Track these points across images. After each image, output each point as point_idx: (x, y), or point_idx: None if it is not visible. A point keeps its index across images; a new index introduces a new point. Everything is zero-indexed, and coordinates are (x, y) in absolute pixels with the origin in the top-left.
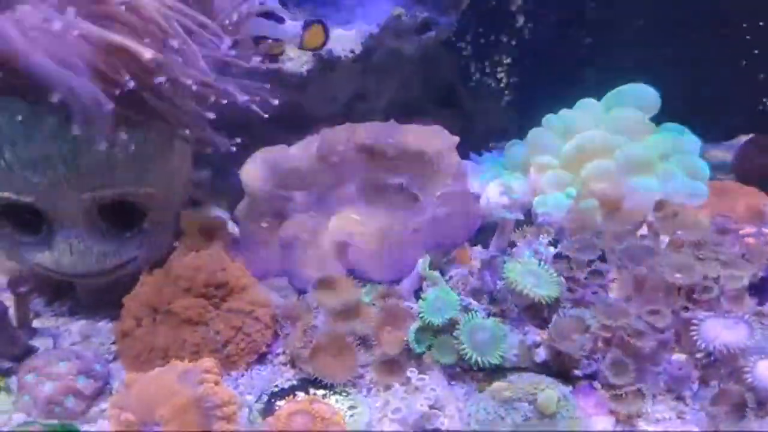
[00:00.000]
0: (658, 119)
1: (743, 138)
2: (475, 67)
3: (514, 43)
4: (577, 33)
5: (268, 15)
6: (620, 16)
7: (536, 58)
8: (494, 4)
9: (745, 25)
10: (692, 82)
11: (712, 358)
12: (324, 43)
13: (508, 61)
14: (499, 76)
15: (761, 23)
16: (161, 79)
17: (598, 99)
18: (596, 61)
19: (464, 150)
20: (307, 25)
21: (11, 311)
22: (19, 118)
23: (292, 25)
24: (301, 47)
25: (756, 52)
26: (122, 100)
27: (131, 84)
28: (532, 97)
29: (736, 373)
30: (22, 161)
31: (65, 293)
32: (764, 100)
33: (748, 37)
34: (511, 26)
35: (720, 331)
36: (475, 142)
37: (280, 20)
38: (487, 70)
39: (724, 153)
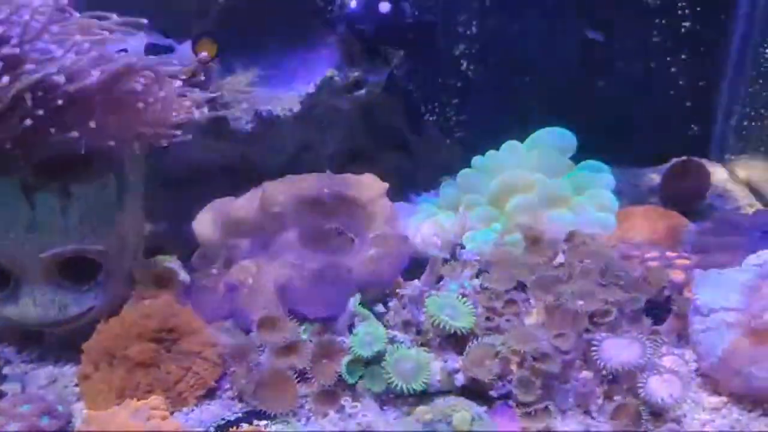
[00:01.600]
0: (593, 147)
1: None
2: (422, 109)
3: (458, 85)
4: (515, 75)
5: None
6: (552, 58)
7: (479, 99)
8: (439, 48)
9: (669, 59)
10: (628, 111)
11: (612, 375)
12: (216, 54)
13: (454, 101)
14: (444, 117)
15: (684, 57)
16: None
17: (529, 133)
18: (532, 101)
19: (414, 189)
20: (196, 39)
21: None
22: None
23: (184, 47)
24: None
25: (681, 83)
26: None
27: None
28: (476, 135)
29: (633, 388)
30: None
31: (35, 341)
32: (692, 126)
33: (673, 69)
34: (455, 70)
35: (617, 351)
36: (424, 179)
37: (170, 50)
38: (433, 112)
39: (657, 176)
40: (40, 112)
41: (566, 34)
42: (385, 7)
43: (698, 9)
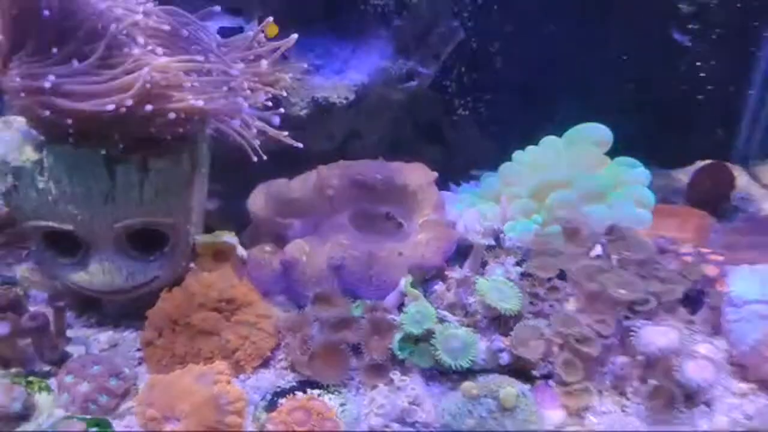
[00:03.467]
0: (623, 149)
1: (700, 164)
2: (457, 104)
3: (493, 82)
4: (548, 73)
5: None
6: (582, 60)
7: (511, 96)
8: (475, 47)
9: (698, 64)
10: (657, 115)
11: (650, 359)
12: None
13: (488, 98)
14: (478, 112)
15: (713, 63)
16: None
17: (562, 131)
18: (564, 99)
19: (446, 180)
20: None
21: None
22: (65, 159)
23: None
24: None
25: (710, 88)
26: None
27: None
28: (508, 130)
29: (668, 371)
30: (66, 196)
31: (92, 308)
32: (717, 130)
33: (702, 75)
34: (490, 67)
35: (655, 337)
36: (458, 171)
37: (239, 30)
38: (468, 108)
39: (683, 177)
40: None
41: (597, 36)
42: None
43: (730, 16)
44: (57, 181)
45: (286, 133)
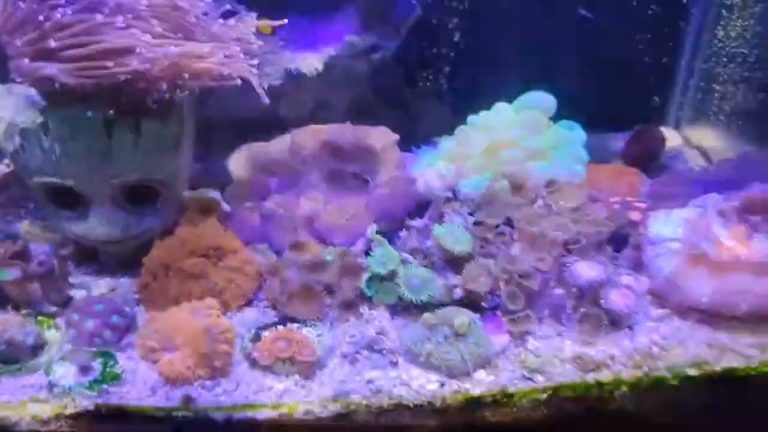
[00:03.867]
0: (569, 114)
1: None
2: (418, 75)
3: (451, 54)
4: (500, 47)
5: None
6: (534, 33)
7: (468, 68)
8: (435, 23)
9: (637, 38)
10: (599, 84)
11: (580, 290)
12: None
13: (446, 70)
14: (438, 83)
15: (649, 37)
16: None
17: (513, 97)
18: (514, 69)
19: (409, 144)
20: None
21: None
22: (67, 121)
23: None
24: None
25: (646, 60)
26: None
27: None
28: (465, 99)
29: (596, 300)
30: (68, 154)
31: (90, 258)
32: (654, 96)
33: (640, 47)
34: (448, 41)
35: (584, 271)
36: (420, 138)
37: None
38: (429, 78)
39: (622, 141)
40: None
41: (545, 12)
42: None
43: None
44: (60, 141)
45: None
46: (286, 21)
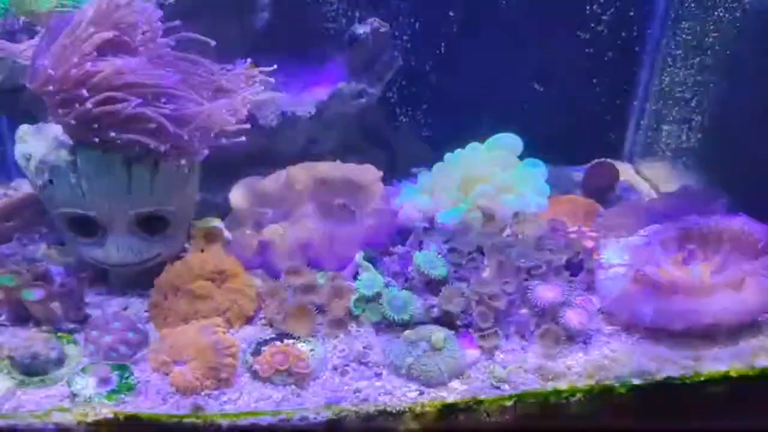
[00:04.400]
0: (535, 150)
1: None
2: (397, 113)
3: (426, 95)
4: (471, 87)
5: None
6: (501, 75)
7: (442, 106)
8: (412, 65)
9: (594, 81)
10: (560, 122)
11: (542, 310)
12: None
13: (423, 108)
14: (415, 120)
15: (605, 79)
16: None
17: (486, 135)
18: (484, 108)
19: (390, 176)
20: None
21: None
22: (94, 161)
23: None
24: None
25: (602, 100)
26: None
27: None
28: (442, 134)
29: (555, 318)
30: (93, 189)
31: (100, 279)
32: (610, 134)
33: (597, 90)
34: (425, 82)
35: (545, 293)
36: (398, 169)
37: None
38: (407, 116)
39: (581, 173)
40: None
41: (510, 57)
42: None
43: (618, 42)
44: (87, 178)
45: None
46: (275, 67)
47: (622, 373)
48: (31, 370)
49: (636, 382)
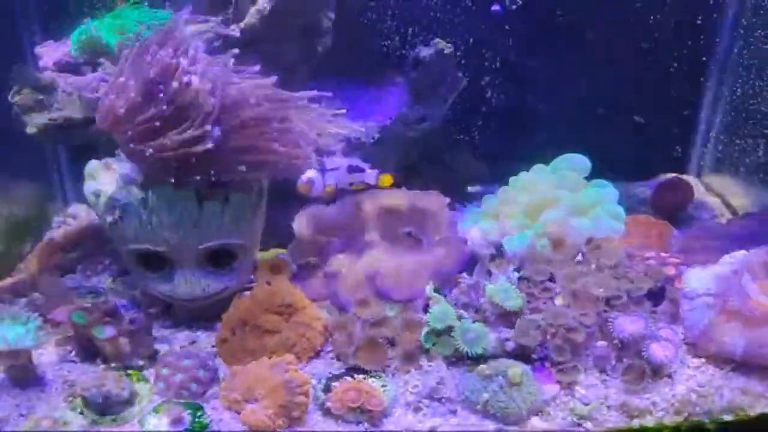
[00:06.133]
0: (599, 170)
1: (662, 176)
2: (453, 132)
3: (482, 112)
4: (528, 104)
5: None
6: (564, 91)
7: (498, 123)
8: (468, 83)
9: (661, 94)
10: (624, 138)
11: (623, 343)
12: (392, 184)
13: (479, 125)
14: (471, 138)
15: (672, 93)
16: None
17: (544, 151)
18: (544, 123)
19: (452, 201)
20: (379, 174)
21: None
22: (166, 197)
23: (370, 173)
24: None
25: (670, 114)
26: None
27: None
28: (498, 152)
29: (638, 352)
30: (163, 225)
31: (165, 312)
32: (677, 147)
33: (664, 104)
34: (481, 99)
35: (626, 325)
36: (454, 187)
37: (361, 170)
38: (463, 134)
39: (647, 189)
40: None
41: (570, 73)
42: None
43: (684, 52)
44: (157, 214)
45: None
46: (330, 94)
47: (712, 408)
48: (104, 409)
49: (727, 418)
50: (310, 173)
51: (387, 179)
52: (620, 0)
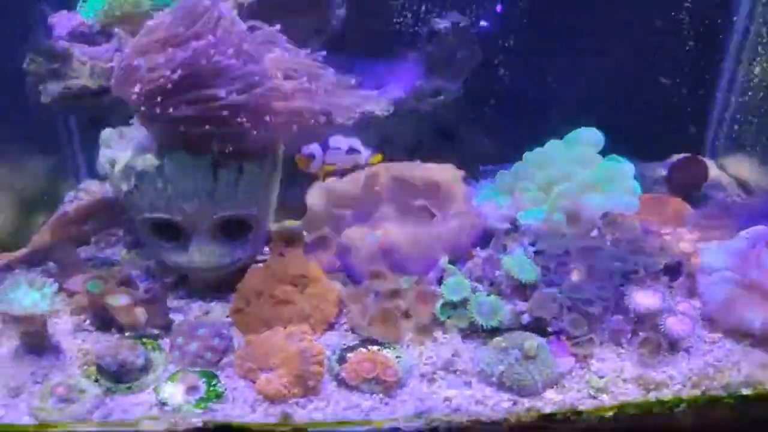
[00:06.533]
0: (614, 147)
1: (676, 157)
2: (467, 108)
3: (495, 90)
4: (541, 82)
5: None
6: (575, 70)
7: (512, 101)
8: (483, 58)
9: (675, 74)
10: (639, 117)
11: (639, 316)
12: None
13: (492, 103)
14: (484, 114)
15: (686, 72)
16: None
17: (556, 130)
18: (558, 102)
19: (466, 177)
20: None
21: None
22: (181, 165)
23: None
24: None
25: (684, 92)
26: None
27: None
28: (509, 130)
29: (654, 326)
30: (178, 194)
31: (180, 283)
32: (690, 127)
33: (678, 81)
34: (494, 76)
35: (643, 299)
36: (468, 164)
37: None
38: (476, 111)
39: (662, 169)
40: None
41: (584, 50)
42: None
43: (700, 30)
44: (173, 182)
45: None
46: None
47: (729, 383)
48: (119, 377)
49: (746, 392)
50: (313, 147)
51: (377, 159)
52: None
